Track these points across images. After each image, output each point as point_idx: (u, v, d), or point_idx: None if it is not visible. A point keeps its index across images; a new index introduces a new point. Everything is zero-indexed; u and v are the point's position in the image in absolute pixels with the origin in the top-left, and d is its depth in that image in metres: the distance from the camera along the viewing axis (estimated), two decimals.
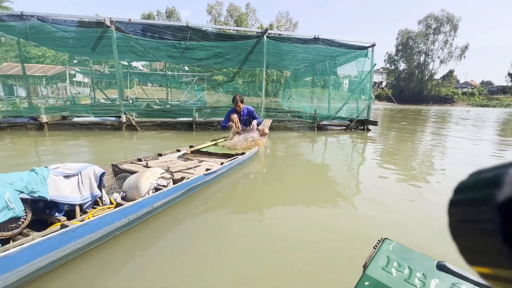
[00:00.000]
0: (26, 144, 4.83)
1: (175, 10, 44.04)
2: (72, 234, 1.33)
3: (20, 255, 1.13)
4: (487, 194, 0.17)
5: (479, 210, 0.18)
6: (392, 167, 3.75)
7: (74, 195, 1.78)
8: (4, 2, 33.15)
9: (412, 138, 6.83)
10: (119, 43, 6.05)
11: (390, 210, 2.32)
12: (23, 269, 1.15)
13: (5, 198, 1.36)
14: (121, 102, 6.40)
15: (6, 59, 13.12)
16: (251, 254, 1.63)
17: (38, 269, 1.22)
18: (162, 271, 1.43)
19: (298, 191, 2.81)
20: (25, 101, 10.43)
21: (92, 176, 1.91)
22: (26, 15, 5.49)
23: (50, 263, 1.26)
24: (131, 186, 2.08)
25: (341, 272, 1.46)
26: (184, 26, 6.09)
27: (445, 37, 47.18)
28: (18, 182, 1.47)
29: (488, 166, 0.19)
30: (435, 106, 42.33)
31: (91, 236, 1.43)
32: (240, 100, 4.16)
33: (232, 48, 6.83)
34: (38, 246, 1.19)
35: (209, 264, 1.50)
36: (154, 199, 1.85)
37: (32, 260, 1.17)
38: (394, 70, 52.86)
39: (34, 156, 4.04)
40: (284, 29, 43.67)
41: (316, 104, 10.13)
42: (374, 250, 0.75)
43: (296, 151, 4.97)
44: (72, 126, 6.29)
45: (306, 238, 1.81)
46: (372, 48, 7.24)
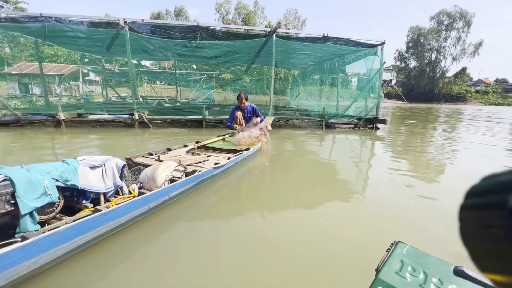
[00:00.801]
0: (46, 139, 5.07)
1: (183, 8, 44.36)
2: (105, 217, 1.50)
3: (66, 233, 1.30)
4: (500, 199, 0.17)
5: (492, 215, 0.17)
6: (403, 166, 3.73)
7: (99, 184, 1.92)
8: (19, 3, 34.21)
9: (421, 136, 6.79)
10: (132, 43, 6.23)
11: (402, 211, 2.25)
12: (66, 246, 1.32)
13: (44, 185, 1.51)
14: (134, 100, 6.60)
15: (21, 58, 13.57)
16: (256, 247, 1.67)
17: (77, 246, 1.39)
18: (180, 251, 1.57)
19: (305, 188, 2.84)
20: (41, 99, 10.83)
21: (114, 167, 2.05)
22: (45, 17, 5.73)
23: (85, 242, 1.43)
24: (148, 178, 2.22)
25: (352, 275, 1.41)
26: (194, 25, 6.22)
27: (458, 34, 45.99)
28: (54, 172, 1.62)
29: (500, 170, 0.18)
30: (446, 105, 41.38)
31: (119, 220, 1.61)
32: (245, 97, 4.32)
33: (241, 47, 6.93)
34: (79, 225, 1.36)
35: (218, 249, 1.62)
36: (170, 189, 2.04)
37: (74, 238, 1.35)
38: (404, 67, 51.86)
39: (56, 150, 4.25)
40: (292, 27, 43.39)
41: (325, 103, 10.13)
42: (387, 254, 0.73)
43: (303, 148, 5.04)
44: (88, 123, 6.53)
45: (313, 238, 1.78)
46: (381, 46, 7.21)
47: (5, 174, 1.39)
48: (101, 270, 1.41)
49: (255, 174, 3.32)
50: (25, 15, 5.87)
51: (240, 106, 4.41)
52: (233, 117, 4.42)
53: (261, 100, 13.33)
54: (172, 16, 44.21)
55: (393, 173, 3.37)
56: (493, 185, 0.18)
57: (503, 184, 0.17)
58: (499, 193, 0.17)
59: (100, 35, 6.22)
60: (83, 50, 9.02)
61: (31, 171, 1.52)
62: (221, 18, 43.70)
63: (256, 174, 3.33)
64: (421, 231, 1.94)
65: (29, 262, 1.17)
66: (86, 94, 16.21)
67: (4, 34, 6.68)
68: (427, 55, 48.50)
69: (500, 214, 0.16)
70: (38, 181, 1.51)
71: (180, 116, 6.99)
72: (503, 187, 0.17)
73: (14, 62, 12.29)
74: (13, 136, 5.23)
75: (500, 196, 0.17)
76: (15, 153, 4.03)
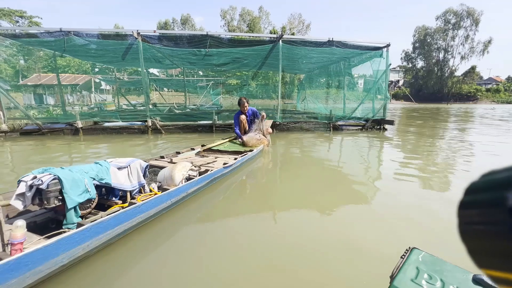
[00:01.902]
0: (68, 146, 5.36)
1: (189, 17, 45.36)
2: (139, 209, 1.72)
3: (111, 222, 1.52)
4: (499, 195, 0.17)
5: (491, 212, 0.17)
6: (413, 167, 3.71)
7: (126, 183, 2.11)
8: (34, 18, 35.74)
9: (430, 137, 6.81)
10: (144, 53, 6.54)
11: (416, 215, 2.15)
12: (110, 233, 1.54)
13: (84, 183, 1.71)
14: (147, 107, 6.89)
15: (35, 70, 14.16)
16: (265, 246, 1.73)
17: (117, 234, 1.60)
18: (199, 240, 1.75)
19: (314, 190, 2.90)
20: (56, 108, 11.34)
21: (138, 168, 2.25)
22: (64, 31, 6.10)
23: (123, 231, 1.65)
24: (166, 177, 2.42)
25: (366, 282, 1.36)
26: (204, 34, 6.49)
27: (466, 32, 45.35)
28: (91, 172, 1.82)
29: (500, 167, 0.18)
30: (456, 104, 40.66)
31: (149, 212, 1.82)
32: (246, 101, 4.69)
33: (248, 54, 7.15)
34: (120, 216, 1.58)
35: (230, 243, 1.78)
36: (188, 186, 2.27)
37: (116, 226, 1.56)
38: (412, 68, 51.36)
39: (79, 155, 4.52)
40: (297, 31, 43.76)
41: (331, 105, 10.24)
42: (401, 260, 0.71)
43: (312, 150, 5.16)
44: (103, 130, 6.84)
45: (325, 242, 1.75)
46: (387, 48, 7.31)
47: (54, 174, 1.60)
48: (135, 259, 1.59)
49: (260, 174, 3.51)
50: (46, 30, 6.25)
51: (242, 110, 4.74)
52: (238, 121, 4.72)
53: (268, 104, 13.54)
54: (178, 24, 45.26)
55: (403, 175, 3.33)
56: (492, 182, 0.18)
57: (502, 181, 0.17)
58: (498, 190, 0.17)
59: (115, 47, 6.57)
60: (99, 61, 9.46)
61: (73, 171, 1.72)
62: (226, 25, 44.50)
63: (261, 174, 3.51)
64: (436, 236, 1.84)
65: (83, 245, 1.39)
66: (99, 103, 16.78)
67: (20, 48, 7.04)
68: (435, 55, 47.95)
69: (498, 211, 0.17)
70: (80, 179, 1.71)
71: (190, 122, 7.23)
72: (501, 184, 0.17)
73: (29, 73, 12.90)
74: (37, 143, 5.56)
75: (498, 193, 0.17)
76: (46, 158, 4.31)
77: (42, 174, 1.60)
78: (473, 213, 0.19)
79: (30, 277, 1.16)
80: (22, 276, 1.12)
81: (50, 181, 1.57)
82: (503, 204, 0.16)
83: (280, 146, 5.47)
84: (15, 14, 33.71)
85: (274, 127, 7.23)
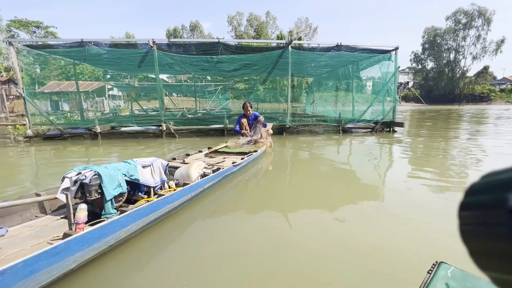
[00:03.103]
0: (88, 149, 5.66)
1: (198, 23, 46.31)
2: (167, 200, 1.95)
3: (146, 210, 1.75)
4: (500, 196, 0.17)
5: (492, 213, 0.17)
6: (425, 169, 3.66)
7: (150, 179, 2.31)
8: (49, 28, 37.30)
9: (442, 138, 6.79)
10: (159, 60, 6.85)
11: (439, 224, 2.00)
12: (145, 220, 1.77)
13: (118, 179, 1.91)
14: (162, 112, 7.17)
15: (50, 77, 14.81)
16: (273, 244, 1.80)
17: (151, 221, 1.83)
18: (214, 229, 1.97)
19: (321, 190, 2.99)
20: (73, 114, 11.86)
21: (160, 166, 2.45)
22: (85, 42, 6.47)
23: (155, 219, 1.89)
24: (183, 175, 2.63)
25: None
26: (216, 42, 6.75)
27: (477, 32, 44.51)
28: (123, 169, 2.03)
29: (501, 168, 0.18)
30: (468, 106, 39.74)
31: (173, 204, 2.04)
32: (249, 106, 5.03)
33: (259, 59, 7.36)
34: (152, 205, 1.81)
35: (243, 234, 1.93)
36: (204, 182, 2.50)
37: (150, 214, 1.80)
38: (421, 69, 50.61)
39: (99, 158, 4.78)
40: (304, 35, 43.95)
41: (340, 108, 10.31)
42: (428, 276, 0.67)
43: (321, 152, 5.27)
44: (120, 135, 7.15)
45: (339, 249, 1.68)
46: (395, 51, 7.37)
47: (95, 170, 1.81)
48: (164, 245, 1.77)
49: (266, 173, 3.75)
50: (70, 40, 6.64)
51: (246, 113, 5.06)
52: (240, 123, 5.02)
53: (278, 108, 13.72)
54: (187, 31, 46.27)
55: (417, 178, 3.24)
56: (492, 183, 0.18)
57: (502, 182, 0.17)
58: (498, 191, 0.17)
59: (131, 55, 6.90)
60: (116, 69, 9.88)
61: (109, 168, 1.93)
62: (233, 30, 45.20)
63: (266, 174, 3.74)
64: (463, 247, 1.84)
65: (126, 229, 1.61)
66: (114, 109, 17.37)
67: (36, 57, 7.37)
68: (445, 56, 47.17)
69: (499, 212, 0.17)
70: (115, 176, 1.91)
71: (203, 126, 7.47)
72: (502, 185, 0.17)
73: (45, 81, 13.49)
74: (60, 147, 5.89)
75: (499, 194, 0.17)
76: (70, 160, 4.60)
77: (85, 170, 1.82)
78: (474, 214, 0.19)
79: (89, 252, 1.37)
80: (83, 251, 1.34)
81: (92, 177, 1.78)
82: (504, 205, 0.16)
83: (289, 148, 5.61)
84: (32, 25, 35.38)
85: (284, 130, 7.38)
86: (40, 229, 1.68)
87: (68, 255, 1.25)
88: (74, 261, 1.30)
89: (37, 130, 6.99)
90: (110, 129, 7.46)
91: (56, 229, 1.68)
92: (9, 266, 1.00)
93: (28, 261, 1.07)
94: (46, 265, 1.15)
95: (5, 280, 0.99)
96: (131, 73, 11.53)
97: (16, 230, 1.65)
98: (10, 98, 23.41)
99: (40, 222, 1.80)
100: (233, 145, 4.51)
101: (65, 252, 1.22)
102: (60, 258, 1.21)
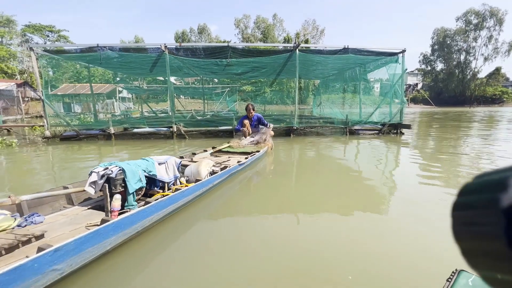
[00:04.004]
0: (103, 149, 5.92)
1: (206, 26, 46.95)
2: (184, 193, 2.15)
3: (167, 202, 1.95)
4: (492, 197, 0.17)
5: (484, 213, 0.18)
6: (433, 172, 3.66)
7: (165, 176, 2.49)
8: (62, 31, 38.48)
9: (450, 141, 6.78)
10: (170, 64, 7.09)
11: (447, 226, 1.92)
12: (165, 210, 1.96)
13: (139, 174, 2.09)
14: (173, 114, 7.40)
15: (62, 80, 15.33)
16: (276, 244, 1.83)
17: (169, 212, 2.02)
18: (224, 219, 2.21)
19: (324, 190, 3.09)
20: (86, 116, 12.29)
21: (174, 164, 2.63)
22: (100, 47, 6.77)
23: (173, 210, 2.09)
24: (193, 172, 2.82)
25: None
26: (225, 46, 6.95)
27: (489, 33, 43.75)
28: (142, 165, 2.21)
29: (493, 169, 0.19)
30: (480, 108, 38.90)
31: (187, 198, 2.26)
32: (252, 108, 5.22)
33: (267, 63, 7.53)
34: (172, 198, 2.00)
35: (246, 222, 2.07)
36: (214, 179, 2.71)
37: (169, 206, 2.00)
38: (431, 71, 49.92)
39: (115, 157, 5.01)
40: (311, 37, 44.00)
41: (347, 110, 10.36)
42: (448, 284, 0.65)
43: (327, 152, 5.36)
44: (133, 136, 7.41)
45: (349, 254, 1.64)
46: (402, 53, 7.42)
47: (119, 166, 1.99)
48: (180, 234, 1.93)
49: (269, 172, 3.99)
50: (85, 45, 6.96)
51: (248, 115, 5.28)
52: (242, 124, 5.26)
53: (285, 110, 13.83)
54: (195, 33, 46.94)
55: (427, 181, 3.22)
56: (485, 183, 0.19)
57: (495, 183, 0.18)
58: (491, 191, 0.18)
59: (144, 59, 7.17)
60: (129, 73, 10.24)
61: (131, 165, 2.11)
62: (240, 33, 45.64)
63: (270, 172, 4.00)
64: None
65: (149, 218, 1.80)
66: (126, 111, 17.84)
67: (49, 60, 7.67)
68: (455, 57, 46.44)
69: (491, 212, 0.17)
70: (136, 171, 2.10)
71: (212, 128, 7.66)
72: (494, 186, 0.17)
73: (57, 84, 14.01)
74: (75, 147, 6.17)
75: (491, 194, 0.17)
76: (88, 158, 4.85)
77: (112, 166, 2.00)
78: (467, 214, 0.19)
79: (121, 236, 1.57)
80: (117, 235, 1.53)
81: (117, 172, 1.96)
82: (496, 205, 0.17)
83: (295, 149, 5.72)
84: (46, 29, 36.66)
85: (291, 132, 7.50)
86: (72, 217, 1.87)
87: (106, 237, 1.44)
88: (110, 243, 1.49)
89: (54, 131, 7.32)
90: (123, 130, 7.74)
91: (86, 217, 1.87)
92: (65, 243, 1.18)
93: (79, 240, 1.26)
94: (90, 245, 1.33)
95: (61, 255, 1.18)
96: (143, 76, 11.87)
97: (51, 218, 1.84)
98: (25, 100, 24.25)
99: (70, 212, 1.99)
100: (236, 145, 4.74)
101: (104, 235, 1.42)
102: (100, 239, 1.40)
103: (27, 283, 1.06)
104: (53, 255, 1.14)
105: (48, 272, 1.12)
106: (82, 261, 1.31)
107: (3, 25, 33.03)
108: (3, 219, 1.62)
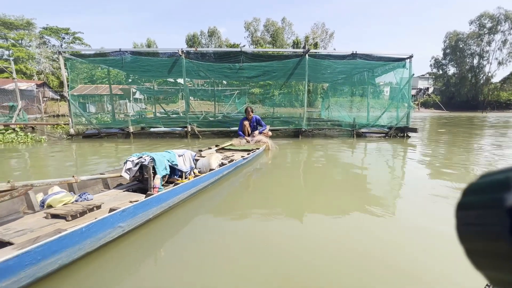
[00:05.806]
0: (124, 146, 6.36)
1: (216, 29, 47.81)
2: (201, 180, 2.56)
3: (189, 184, 2.35)
4: (496, 197, 0.17)
5: (488, 213, 0.18)
6: (444, 175, 3.69)
7: (183, 166, 2.86)
8: (77, 34, 39.90)
9: (457, 144, 6.89)
10: (186, 67, 7.53)
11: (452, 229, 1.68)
12: (187, 192, 2.35)
13: (164, 163, 2.47)
14: (187, 115, 7.83)
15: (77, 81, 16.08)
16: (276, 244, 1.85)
17: (190, 194, 2.43)
18: (230, 206, 2.51)
19: (326, 189, 3.35)
20: (103, 116, 12.93)
21: (190, 156, 3.00)
22: (122, 51, 7.28)
23: (193, 193, 2.51)
24: (205, 165, 3.22)
25: None
26: (238, 51, 7.35)
27: (504, 37, 42.79)
28: (167, 156, 2.59)
29: (498, 169, 0.18)
30: (493, 113, 38.02)
31: (204, 184, 2.66)
32: (251, 110, 5.77)
33: (277, 67, 7.89)
34: (193, 182, 2.40)
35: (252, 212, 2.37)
36: (223, 169, 3.12)
37: (190, 189, 2.38)
38: (442, 75, 49.15)
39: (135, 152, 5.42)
40: (320, 40, 44.17)
41: (355, 113, 10.56)
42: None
43: (333, 153, 5.60)
44: (149, 134, 7.88)
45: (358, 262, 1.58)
46: (409, 59, 7.61)
47: (150, 156, 2.38)
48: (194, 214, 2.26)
49: (265, 166, 4.43)
50: (108, 50, 7.49)
51: (247, 117, 5.78)
52: (242, 125, 5.74)
53: (294, 112, 14.11)
54: (206, 36, 47.88)
55: (437, 185, 3.21)
56: (489, 183, 0.18)
57: (500, 182, 0.17)
58: (495, 191, 0.17)
59: (163, 62, 7.66)
60: (149, 75, 10.82)
61: (158, 155, 2.49)
62: (250, 36, 46.29)
63: (266, 166, 4.42)
64: None
65: (174, 198, 2.21)
66: (140, 111, 18.55)
67: (64, 62, 8.14)
68: (468, 61, 45.59)
69: (496, 212, 0.17)
70: (162, 160, 2.49)
71: (224, 128, 8.05)
72: (499, 185, 0.17)
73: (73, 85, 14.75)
74: (97, 144, 6.65)
75: (496, 194, 0.17)
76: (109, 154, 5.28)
77: (144, 155, 2.39)
78: (471, 214, 0.19)
79: (159, 209, 1.98)
80: (157, 207, 1.94)
81: (149, 160, 2.34)
82: (501, 205, 0.17)
83: (303, 150, 6.01)
84: (62, 32, 38.22)
85: (300, 134, 7.78)
86: (115, 196, 2.26)
87: (151, 207, 1.87)
88: (152, 212, 1.91)
89: (77, 129, 7.85)
90: (140, 129, 8.22)
91: (125, 197, 2.26)
92: (127, 207, 1.60)
93: (136, 206, 1.68)
94: (141, 211, 1.76)
95: (125, 216, 1.58)
96: (162, 78, 12.47)
97: (98, 197, 2.23)
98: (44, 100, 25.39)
99: (110, 193, 2.38)
100: (237, 143, 5.38)
101: (149, 205, 1.84)
102: (147, 208, 1.82)
103: (105, 233, 1.50)
104: (121, 214, 1.55)
105: (116, 227, 1.51)
106: (135, 223, 1.71)
107: (23, 28, 34.66)
108: (65, 195, 2.01)
